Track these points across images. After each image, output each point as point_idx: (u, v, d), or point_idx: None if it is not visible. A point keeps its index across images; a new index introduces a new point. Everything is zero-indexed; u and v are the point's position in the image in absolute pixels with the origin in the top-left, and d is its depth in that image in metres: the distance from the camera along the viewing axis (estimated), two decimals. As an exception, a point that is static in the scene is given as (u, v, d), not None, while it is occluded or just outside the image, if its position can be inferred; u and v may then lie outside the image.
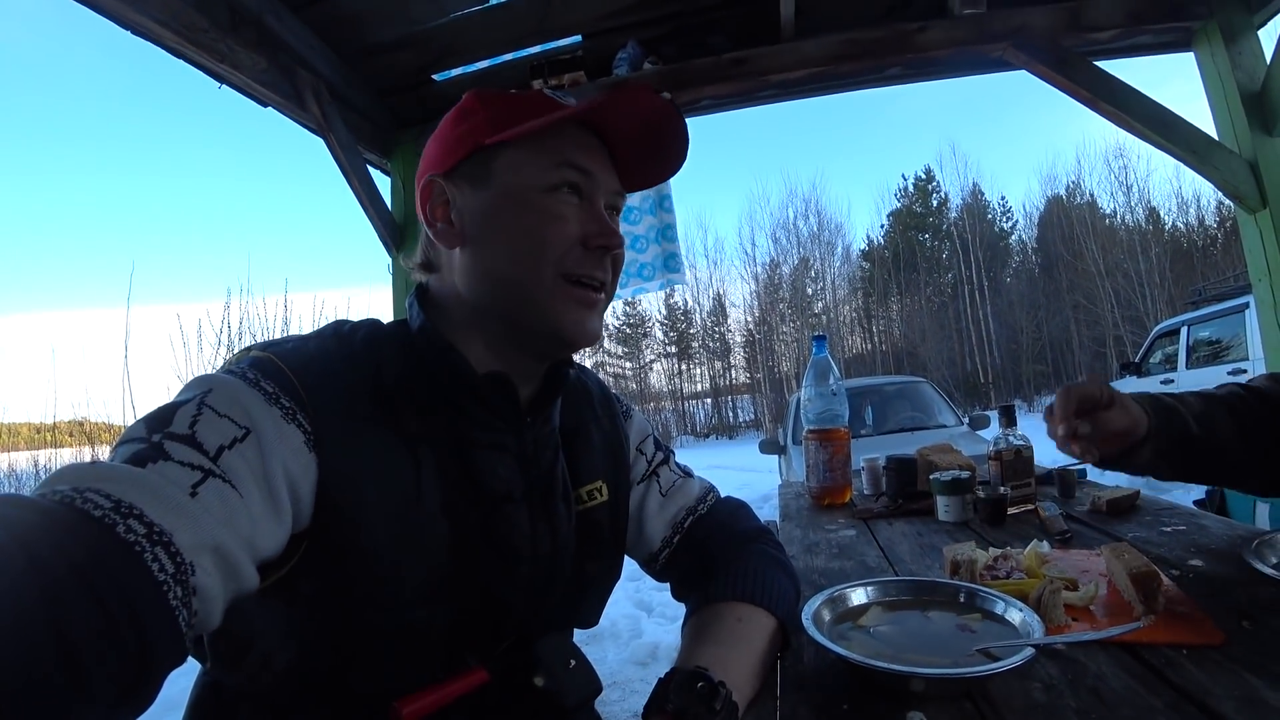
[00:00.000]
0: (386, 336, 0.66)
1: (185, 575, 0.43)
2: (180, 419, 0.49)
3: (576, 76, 2.06)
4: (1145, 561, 0.82)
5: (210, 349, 8.44)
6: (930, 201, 27.77)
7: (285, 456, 0.52)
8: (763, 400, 25.05)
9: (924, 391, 6.52)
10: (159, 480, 0.45)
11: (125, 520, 0.41)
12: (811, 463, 1.59)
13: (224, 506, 0.47)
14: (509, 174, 0.65)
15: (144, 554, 0.40)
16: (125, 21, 1.56)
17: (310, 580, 0.55)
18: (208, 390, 0.52)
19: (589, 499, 0.75)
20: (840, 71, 2.15)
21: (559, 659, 0.62)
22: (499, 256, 0.65)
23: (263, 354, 0.58)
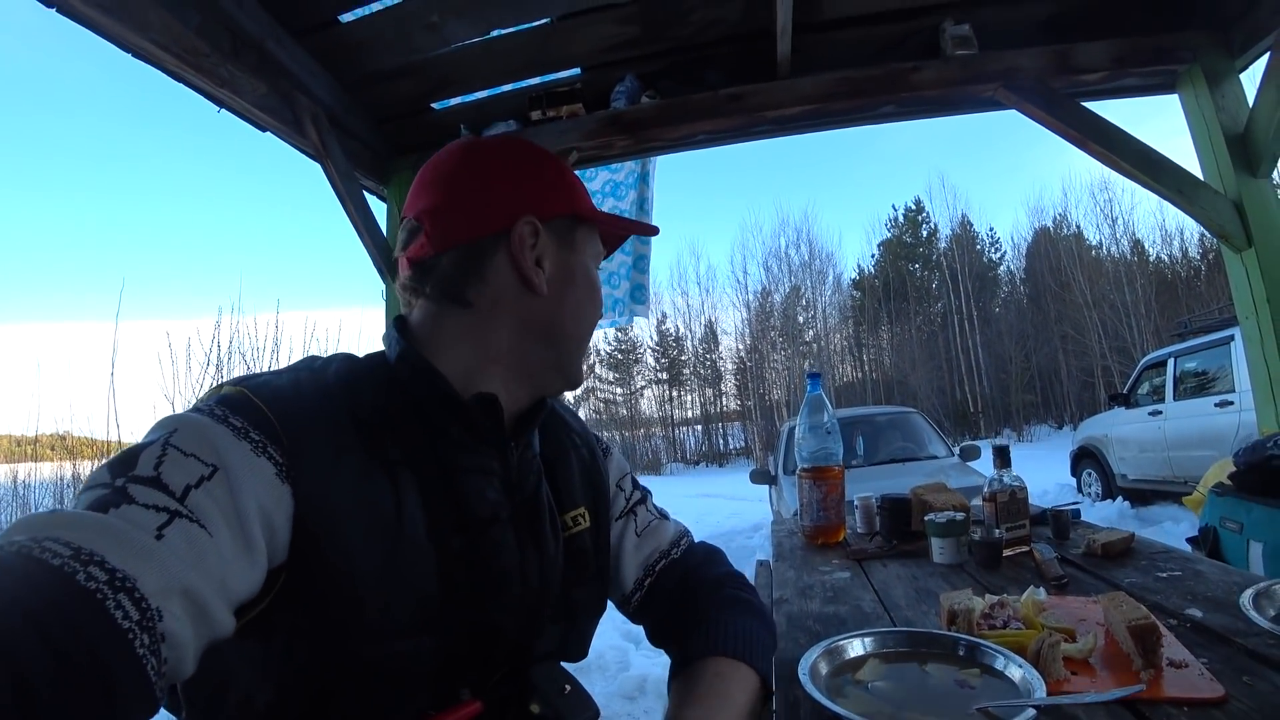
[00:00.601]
0: (363, 367, 0.66)
1: (152, 622, 0.41)
2: (145, 461, 0.48)
3: (575, 108, 2.07)
4: (1144, 613, 0.81)
5: (199, 367, 8.33)
6: (920, 232, 28.08)
7: (257, 491, 0.51)
8: (753, 428, 25.01)
9: (915, 422, 6.53)
10: (122, 525, 0.43)
11: (85, 568, 0.39)
12: (805, 501, 1.58)
13: (192, 548, 0.45)
14: (586, 246, 0.75)
15: (106, 601, 0.39)
16: (127, 45, 1.56)
17: (290, 614, 0.53)
18: (173, 430, 0.51)
19: (573, 525, 0.75)
20: (834, 109, 2.18)
21: (553, 686, 0.62)
22: (575, 314, 0.73)
23: (233, 389, 0.57)
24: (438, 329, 0.68)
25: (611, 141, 2.11)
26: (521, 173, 0.71)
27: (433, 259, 0.68)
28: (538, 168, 0.72)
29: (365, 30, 1.87)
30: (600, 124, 2.07)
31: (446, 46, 1.94)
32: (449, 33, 1.87)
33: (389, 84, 2.10)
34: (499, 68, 2.07)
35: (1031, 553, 1.35)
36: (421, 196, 0.70)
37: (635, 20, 1.97)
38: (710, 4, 1.97)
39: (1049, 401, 23.01)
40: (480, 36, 1.91)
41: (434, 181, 0.70)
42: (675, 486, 16.86)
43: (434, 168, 0.72)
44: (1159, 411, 6.64)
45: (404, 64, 2.02)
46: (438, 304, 0.68)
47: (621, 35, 2.00)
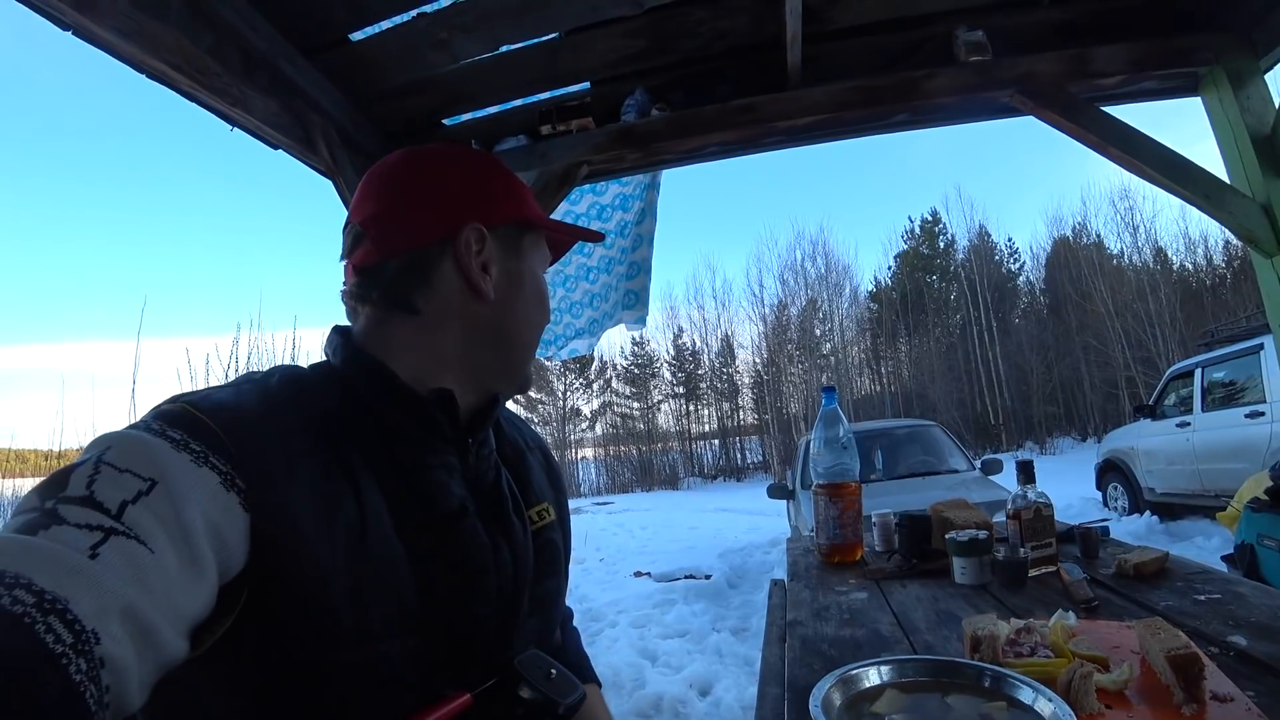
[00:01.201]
0: (309, 375, 0.65)
1: (88, 645, 0.38)
2: (76, 481, 0.46)
3: (585, 122, 2.07)
4: (1184, 641, 0.76)
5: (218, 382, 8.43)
6: (937, 243, 27.85)
7: (201, 502, 0.49)
8: (771, 442, 24.78)
9: (934, 435, 6.44)
10: (51, 545, 0.41)
11: (10, 591, 0.37)
12: (821, 519, 1.53)
13: (131, 565, 0.43)
14: (532, 253, 0.76)
15: (35, 625, 0.36)
16: (141, 66, 1.57)
17: (261, 629, 0.52)
18: (106, 448, 0.49)
19: (539, 519, 0.76)
20: (847, 118, 2.15)
21: (539, 672, 0.62)
22: (522, 319, 0.74)
23: (170, 405, 0.55)
24: (385, 335, 0.68)
25: (622, 155, 2.09)
26: (467, 179, 0.71)
27: (378, 265, 0.68)
28: (483, 174, 0.73)
29: (375, 48, 1.88)
30: (610, 137, 2.06)
31: (456, 63, 1.94)
32: (458, 49, 1.87)
33: (399, 101, 2.11)
34: (509, 83, 2.07)
35: (1059, 573, 1.29)
36: (366, 203, 0.70)
37: (644, 33, 1.97)
38: (719, 15, 1.96)
39: (1072, 413, 22.59)
40: (489, 52, 1.91)
41: (378, 188, 0.70)
42: (693, 501, 16.76)
43: (377, 174, 0.72)
44: (1187, 423, 6.48)
45: (414, 81, 2.02)
46: (384, 310, 0.68)
47: (630, 48, 1.99)
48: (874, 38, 2.11)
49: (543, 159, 2.10)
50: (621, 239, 2.81)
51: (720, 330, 27.92)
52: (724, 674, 3.79)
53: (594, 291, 2.84)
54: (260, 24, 1.74)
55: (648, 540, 9.64)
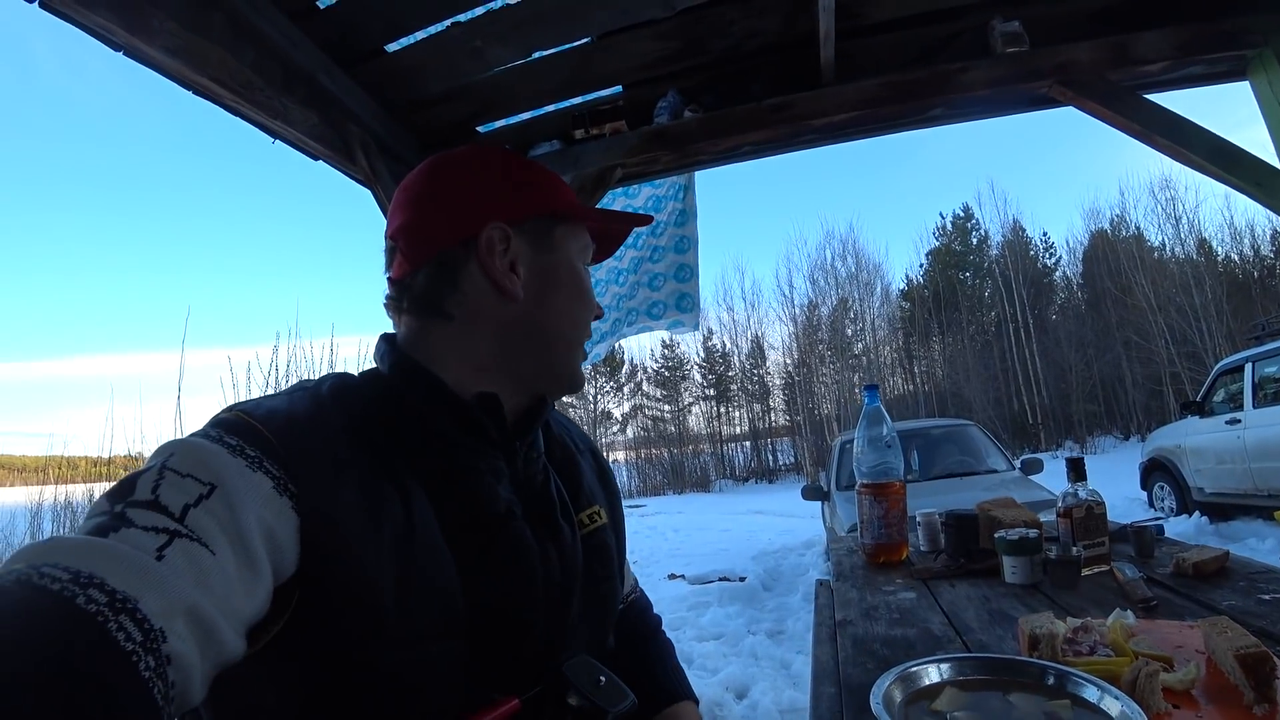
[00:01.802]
0: (357, 383, 0.67)
1: (156, 643, 0.40)
2: (142, 486, 0.48)
3: (618, 125, 2.08)
4: (1254, 640, 0.74)
5: (258, 389, 8.65)
6: (970, 239, 27.37)
7: (256, 506, 0.50)
8: (803, 443, 24.53)
9: (972, 435, 6.32)
10: (121, 547, 0.43)
11: (85, 591, 0.38)
12: (865, 518, 1.52)
13: (194, 567, 0.45)
14: (568, 244, 0.74)
15: (108, 624, 0.38)
16: (186, 82, 1.62)
17: (311, 630, 0.53)
18: (170, 454, 0.51)
19: (590, 522, 0.76)
20: (881, 114, 2.12)
21: (589, 678, 0.62)
22: (558, 315, 0.72)
23: (227, 413, 0.57)
24: (426, 342, 0.69)
25: (656, 157, 2.10)
26: (485, 179, 0.71)
27: (410, 276, 0.69)
28: (500, 171, 0.72)
29: (411, 58, 1.91)
30: (643, 140, 2.06)
31: (489, 70, 1.96)
32: (492, 56, 1.89)
33: (434, 109, 2.14)
34: (541, 89, 2.09)
35: (1113, 572, 1.26)
36: (396, 215, 0.71)
37: (675, 35, 1.97)
38: (750, 15, 1.95)
39: (1113, 411, 21.96)
40: (522, 59, 1.93)
41: (404, 200, 0.72)
42: (725, 504, 16.68)
43: (405, 186, 0.73)
44: (1237, 420, 6.27)
45: (448, 89, 2.05)
46: (420, 318, 0.69)
47: (662, 51, 2.00)
48: (907, 32, 2.08)
49: (576, 163, 2.11)
50: (654, 238, 2.80)
51: (750, 331, 27.79)
52: (760, 677, 3.76)
53: (621, 293, 2.83)
54: (299, 39, 1.78)
55: (680, 543, 9.62)
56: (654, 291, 2.78)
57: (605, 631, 0.77)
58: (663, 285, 2.77)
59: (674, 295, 2.77)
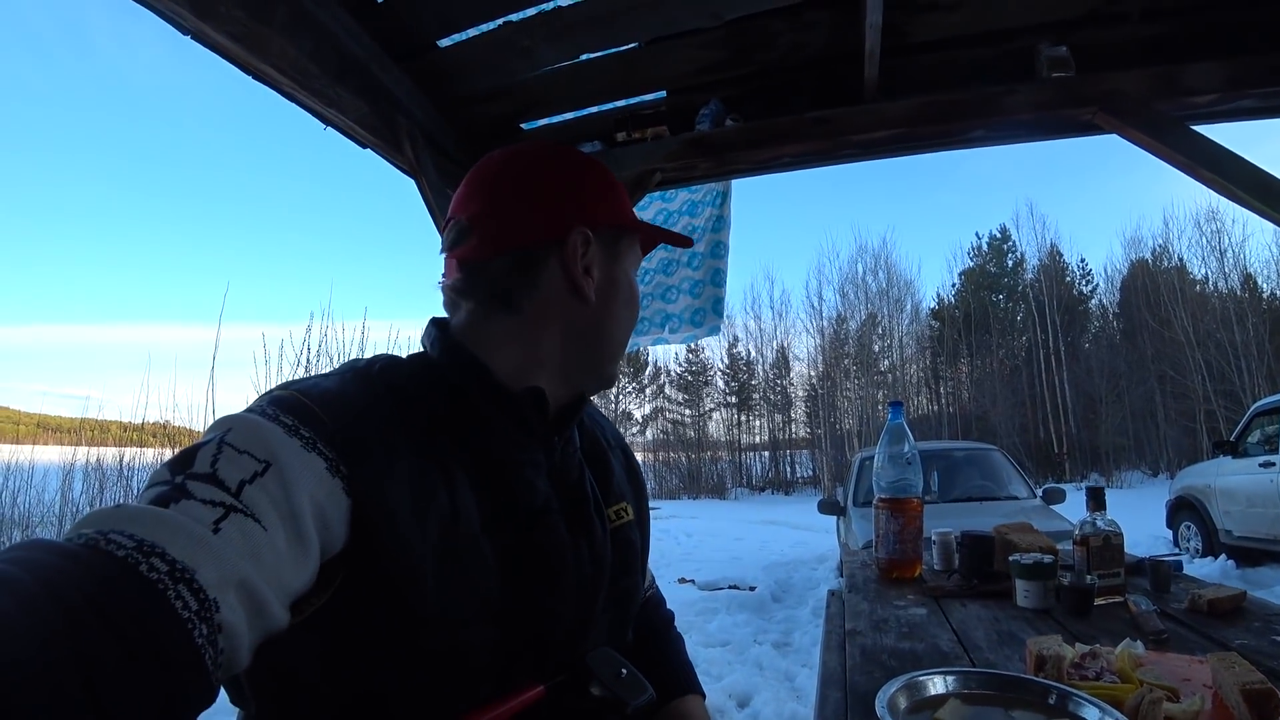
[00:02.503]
0: (407, 366, 0.68)
1: (210, 612, 0.42)
2: (201, 459, 0.50)
3: (660, 130, 2.11)
4: (1260, 677, 0.74)
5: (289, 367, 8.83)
6: (1005, 261, 26.96)
7: (309, 485, 0.52)
8: (822, 457, 24.32)
9: (995, 460, 6.25)
10: (181, 519, 0.45)
11: (148, 559, 0.41)
12: (881, 533, 1.53)
13: (247, 541, 0.47)
14: (629, 255, 0.78)
15: (167, 591, 0.40)
16: (247, 67, 1.68)
17: (353, 607, 0.55)
18: (228, 430, 0.53)
19: (618, 518, 0.78)
20: (922, 132, 2.12)
21: (610, 670, 0.63)
22: (616, 321, 0.76)
23: (284, 391, 0.59)
24: (484, 332, 0.70)
25: (695, 163, 2.12)
26: (573, 181, 0.73)
27: (483, 262, 0.70)
28: (588, 176, 0.75)
29: (461, 54, 1.96)
30: (684, 146, 2.09)
31: (537, 70, 2.00)
32: (540, 57, 1.93)
33: (481, 105, 2.19)
34: (587, 90, 2.12)
35: (1126, 604, 1.26)
36: (474, 199, 0.72)
37: (721, 44, 1.99)
38: (797, 28, 1.97)
39: (1143, 446, 21.47)
40: (570, 60, 1.97)
41: (488, 185, 0.72)
42: (740, 512, 16.62)
43: (487, 171, 0.74)
44: (1272, 463, 6.11)
45: (496, 86, 2.10)
46: (485, 307, 0.70)
47: (707, 59, 2.02)
48: (953, 52, 2.09)
49: (616, 165, 2.14)
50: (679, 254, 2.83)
51: (776, 341, 27.63)
52: (764, 686, 3.76)
53: (647, 292, 2.86)
54: (356, 30, 1.84)
55: (693, 548, 9.61)
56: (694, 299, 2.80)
57: (626, 625, 0.79)
58: (702, 291, 2.80)
59: (711, 300, 2.79)
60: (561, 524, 0.68)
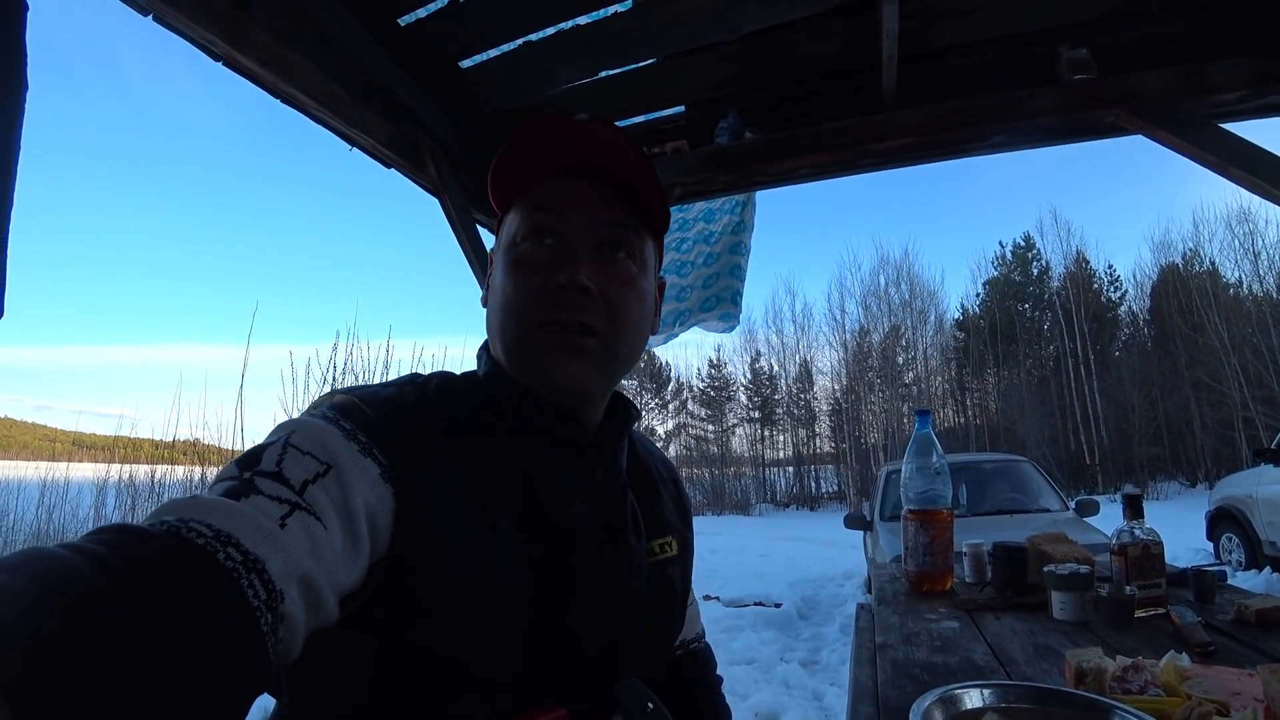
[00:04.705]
0: (458, 384, 0.70)
1: (276, 603, 0.44)
2: (268, 458, 0.52)
3: (679, 144, 2.12)
4: (1316, 690, 0.71)
5: (316, 386, 8.98)
6: (1030, 270, 26.60)
7: (364, 488, 0.54)
8: (847, 472, 24.02)
9: (1025, 471, 6.11)
10: (252, 512, 0.47)
11: (224, 548, 0.43)
12: (910, 545, 1.50)
13: (309, 538, 0.49)
14: (504, 231, 0.71)
15: (240, 579, 0.42)
16: (276, 91, 1.72)
17: (388, 609, 0.56)
18: (292, 431, 0.55)
19: (661, 552, 0.76)
20: (942, 139, 2.11)
21: (637, 703, 0.62)
22: (491, 315, 0.70)
23: (344, 397, 0.62)
24: None
25: (714, 177, 2.13)
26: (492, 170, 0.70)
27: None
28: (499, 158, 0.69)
29: (483, 75, 1.99)
30: (703, 160, 2.10)
31: (558, 88, 2.03)
32: (560, 75, 1.96)
33: (504, 123, 2.22)
34: (607, 106, 2.15)
35: (1169, 615, 1.22)
36: None
37: (738, 58, 2.01)
38: (813, 40, 1.97)
39: (1179, 456, 20.90)
40: (589, 78, 2.00)
41: None
42: (765, 528, 16.45)
43: None
44: (1314, 470, 5.91)
45: (517, 104, 2.13)
46: None
47: (725, 73, 2.03)
48: (971, 58, 2.08)
49: (636, 179, 2.16)
50: (705, 245, 2.81)
51: (799, 355, 27.48)
52: (791, 706, 3.70)
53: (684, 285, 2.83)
54: (380, 55, 1.88)
55: (717, 564, 9.52)
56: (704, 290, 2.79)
57: (659, 663, 0.76)
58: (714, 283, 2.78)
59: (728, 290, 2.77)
60: (595, 546, 0.67)
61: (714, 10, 1.79)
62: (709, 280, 2.77)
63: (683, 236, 2.85)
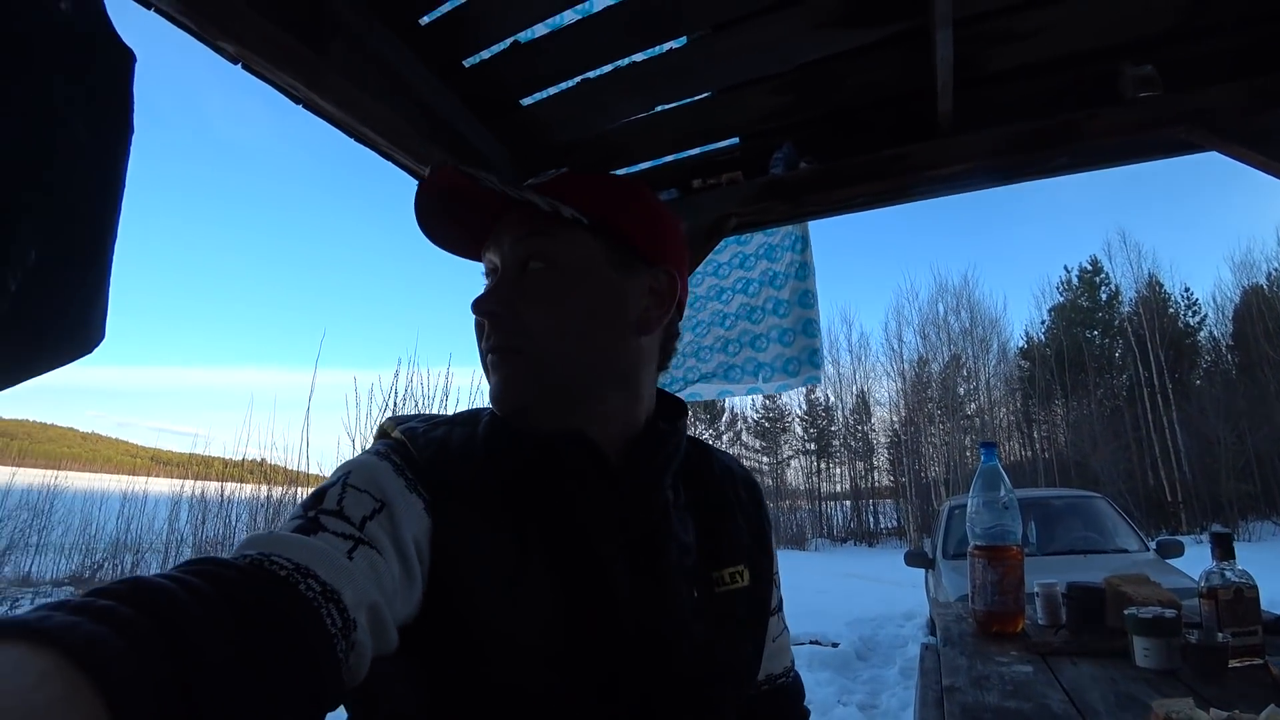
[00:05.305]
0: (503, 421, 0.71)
1: (350, 630, 0.47)
2: (330, 497, 0.56)
3: (734, 176, 2.14)
4: None
5: (378, 411, 9.34)
6: (1098, 295, 25.55)
7: (412, 522, 0.58)
8: (907, 506, 23.22)
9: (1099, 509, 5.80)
10: (324, 546, 0.50)
11: (305, 579, 0.46)
12: (978, 583, 1.44)
13: (373, 570, 0.52)
14: None
15: (320, 608, 0.45)
16: (349, 130, 1.82)
17: (426, 637, 0.58)
18: (349, 471, 0.60)
19: (730, 581, 0.73)
20: (1002, 164, 2.06)
21: None
22: None
23: (398, 434, 0.67)
24: None
25: (769, 207, 2.13)
26: None
27: None
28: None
29: (542, 111, 2.06)
30: (759, 190, 2.11)
31: (615, 122, 2.08)
32: (617, 110, 2.01)
33: (560, 158, 2.28)
34: (664, 139, 2.18)
35: (1267, 667, 1.14)
36: None
37: (792, 89, 2.02)
38: (866, 68, 1.97)
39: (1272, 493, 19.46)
40: (645, 112, 2.04)
41: None
42: (821, 564, 16.01)
43: None
44: None
45: (574, 139, 2.19)
46: None
47: (779, 103, 2.05)
48: (1030, 80, 2.03)
49: (693, 211, 2.18)
50: (771, 289, 2.79)
51: (855, 386, 26.92)
52: (851, 750, 3.56)
53: (729, 337, 2.83)
54: (445, 93, 1.97)
55: (772, 599, 9.27)
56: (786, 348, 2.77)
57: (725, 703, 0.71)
58: (793, 340, 2.76)
59: (806, 350, 2.75)
60: (623, 573, 0.65)
61: (768, 44, 1.81)
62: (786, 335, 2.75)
63: (747, 277, 2.83)
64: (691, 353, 2.89)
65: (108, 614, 0.34)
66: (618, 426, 0.72)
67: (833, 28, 1.78)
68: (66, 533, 11.25)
